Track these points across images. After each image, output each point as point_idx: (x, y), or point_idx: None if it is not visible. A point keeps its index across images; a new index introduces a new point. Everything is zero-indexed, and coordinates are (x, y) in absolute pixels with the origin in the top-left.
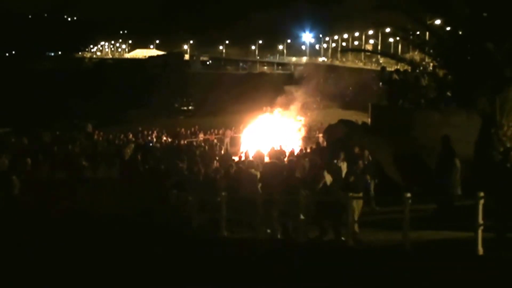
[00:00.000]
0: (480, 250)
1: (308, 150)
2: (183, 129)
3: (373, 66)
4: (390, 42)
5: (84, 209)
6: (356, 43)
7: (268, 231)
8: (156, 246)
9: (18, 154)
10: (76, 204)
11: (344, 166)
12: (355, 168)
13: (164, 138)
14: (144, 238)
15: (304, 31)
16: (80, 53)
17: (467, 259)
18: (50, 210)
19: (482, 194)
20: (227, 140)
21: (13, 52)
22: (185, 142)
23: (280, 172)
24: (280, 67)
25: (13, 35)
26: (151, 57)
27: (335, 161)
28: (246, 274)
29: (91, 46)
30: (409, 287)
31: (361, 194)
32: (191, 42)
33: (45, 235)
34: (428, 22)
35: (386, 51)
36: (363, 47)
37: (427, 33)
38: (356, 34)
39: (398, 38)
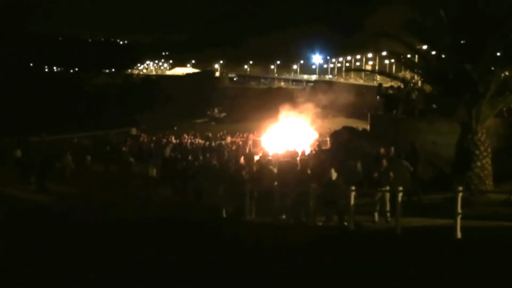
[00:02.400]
0: (459, 235)
1: (317, 151)
2: (210, 133)
3: (372, 83)
4: (386, 64)
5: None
6: (357, 64)
7: (283, 216)
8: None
9: (80, 152)
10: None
11: (358, 165)
12: (379, 166)
13: (198, 140)
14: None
15: (314, 53)
16: (129, 70)
17: (448, 241)
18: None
19: (461, 188)
20: (250, 142)
21: (76, 69)
22: (216, 143)
23: (294, 169)
24: (294, 83)
25: (76, 56)
26: (188, 74)
27: (351, 161)
28: (264, 251)
29: (139, 65)
30: (397, 263)
31: (387, 188)
32: (221, 61)
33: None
34: (417, 47)
35: (383, 71)
36: (363, 68)
37: (416, 56)
38: (358, 56)
39: (392, 60)
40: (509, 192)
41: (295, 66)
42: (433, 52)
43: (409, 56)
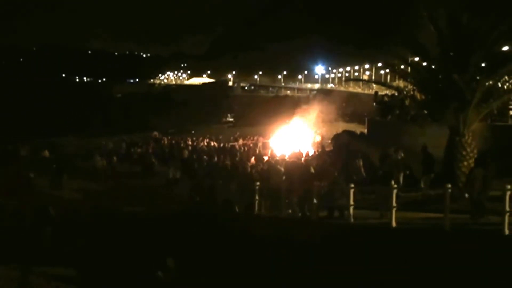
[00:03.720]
0: (448, 227)
1: (320, 152)
2: (221, 136)
3: (369, 91)
4: (381, 74)
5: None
6: (356, 74)
7: (290, 211)
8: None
9: (107, 154)
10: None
11: (361, 164)
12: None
13: (212, 143)
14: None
15: (317, 64)
16: (151, 80)
17: (437, 233)
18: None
19: (449, 185)
20: (260, 144)
21: (104, 79)
22: (229, 145)
23: (299, 168)
24: (299, 91)
25: (104, 67)
26: (204, 84)
27: (356, 161)
28: (273, 241)
29: (160, 75)
30: (392, 252)
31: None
32: (234, 72)
33: None
34: (410, 59)
35: (378, 80)
36: (361, 77)
37: (409, 67)
38: (356, 67)
39: (387, 71)
40: (492, 189)
41: (299, 76)
42: (424, 63)
43: (402, 67)
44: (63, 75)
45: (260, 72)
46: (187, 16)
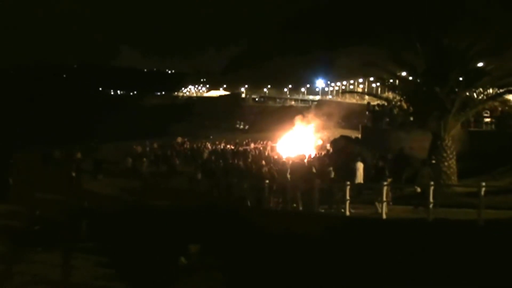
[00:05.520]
0: (431, 218)
1: (321, 154)
2: (238, 140)
3: (362, 102)
4: (373, 87)
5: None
6: (351, 87)
7: (294, 205)
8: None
9: (137, 156)
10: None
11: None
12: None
13: (228, 146)
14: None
15: (318, 79)
16: (175, 93)
17: (422, 224)
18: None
19: (432, 183)
20: (268, 148)
21: (135, 92)
22: (242, 149)
23: (302, 168)
24: (302, 102)
25: (135, 82)
26: (220, 96)
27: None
28: (279, 230)
29: (183, 89)
30: (381, 241)
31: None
32: (246, 86)
33: None
34: (398, 74)
35: (371, 92)
36: (355, 90)
37: (397, 80)
38: (351, 81)
39: (378, 84)
40: (470, 186)
41: (302, 89)
42: (410, 78)
43: (391, 80)
44: (100, 88)
45: (269, 86)
46: (206, 38)
